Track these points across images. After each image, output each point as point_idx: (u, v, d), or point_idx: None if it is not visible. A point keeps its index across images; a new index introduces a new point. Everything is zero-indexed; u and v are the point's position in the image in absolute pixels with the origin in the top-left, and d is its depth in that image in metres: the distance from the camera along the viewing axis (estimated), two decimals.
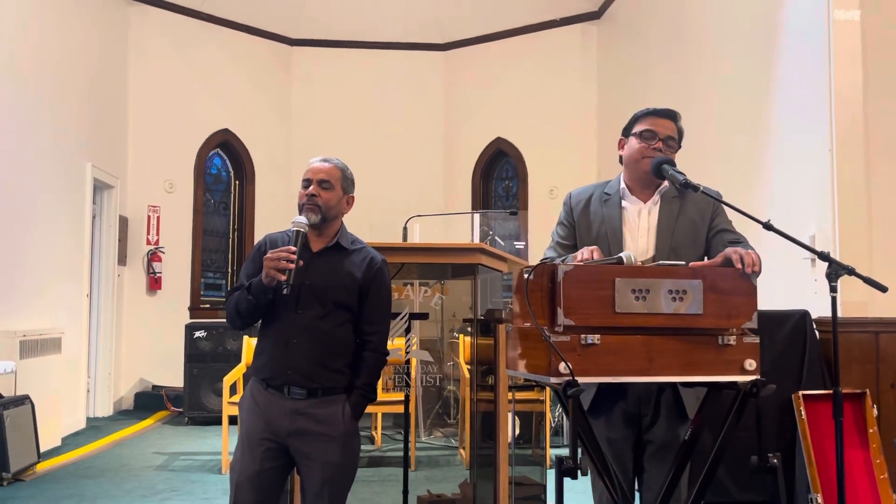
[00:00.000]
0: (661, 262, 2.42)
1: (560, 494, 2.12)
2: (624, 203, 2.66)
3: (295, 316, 2.54)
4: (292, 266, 2.43)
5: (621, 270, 2.22)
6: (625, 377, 2.19)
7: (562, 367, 2.12)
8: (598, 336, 2.16)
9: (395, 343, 3.72)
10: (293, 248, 2.47)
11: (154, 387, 8.38)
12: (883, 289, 2.58)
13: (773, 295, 4.15)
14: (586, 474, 2.12)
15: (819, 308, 4.45)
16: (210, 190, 9.42)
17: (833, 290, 2.61)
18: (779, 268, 4.22)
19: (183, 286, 8.89)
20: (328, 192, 2.62)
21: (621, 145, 2.71)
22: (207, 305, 9.11)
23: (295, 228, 2.54)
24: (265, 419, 2.54)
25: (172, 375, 8.10)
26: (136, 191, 8.51)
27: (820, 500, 4.01)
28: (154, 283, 8.53)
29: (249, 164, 9.58)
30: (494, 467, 3.57)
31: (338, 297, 2.57)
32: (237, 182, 9.65)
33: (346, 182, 2.69)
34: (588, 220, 2.68)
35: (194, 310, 8.87)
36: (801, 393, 4.17)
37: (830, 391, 4.27)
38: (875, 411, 4.21)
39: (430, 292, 6.52)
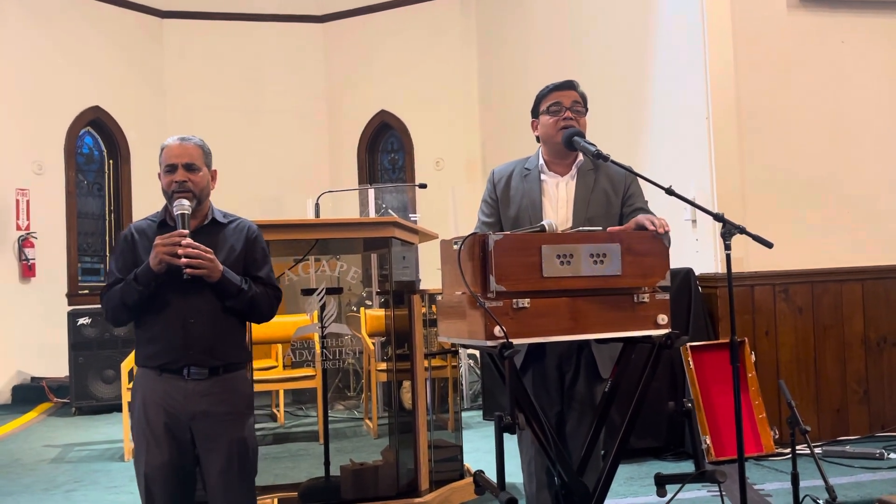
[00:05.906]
0: (580, 228, 2.58)
1: (500, 449, 2.26)
2: (543, 177, 2.81)
3: (187, 297, 2.49)
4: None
5: (546, 237, 2.37)
6: (554, 337, 2.35)
7: (497, 330, 2.25)
8: (528, 300, 2.30)
9: (314, 318, 3.76)
10: (185, 232, 2.44)
11: (33, 378, 8.00)
12: (769, 244, 2.85)
13: None
14: (524, 429, 2.26)
15: (700, 265, 4.80)
16: (82, 171, 8.98)
17: (727, 248, 2.85)
18: None
19: (59, 272, 8.48)
20: (196, 174, 2.56)
21: (534, 126, 2.86)
22: (86, 291, 8.73)
23: (180, 212, 2.49)
24: (164, 409, 2.48)
25: (54, 365, 7.75)
26: (1, 173, 8.02)
27: (709, 442, 4.37)
28: (27, 271, 8.10)
29: (123, 142, 9.20)
30: (413, 433, 3.69)
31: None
32: (111, 161, 9.25)
33: (207, 158, 2.64)
34: (509, 195, 2.82)
35: (73, 296, 8.49)
36: (688, 344, 4.51)
37: (714, 342, 4.65)
38: (753, 357, 4.61)
39: (328, 267, 6.52)
